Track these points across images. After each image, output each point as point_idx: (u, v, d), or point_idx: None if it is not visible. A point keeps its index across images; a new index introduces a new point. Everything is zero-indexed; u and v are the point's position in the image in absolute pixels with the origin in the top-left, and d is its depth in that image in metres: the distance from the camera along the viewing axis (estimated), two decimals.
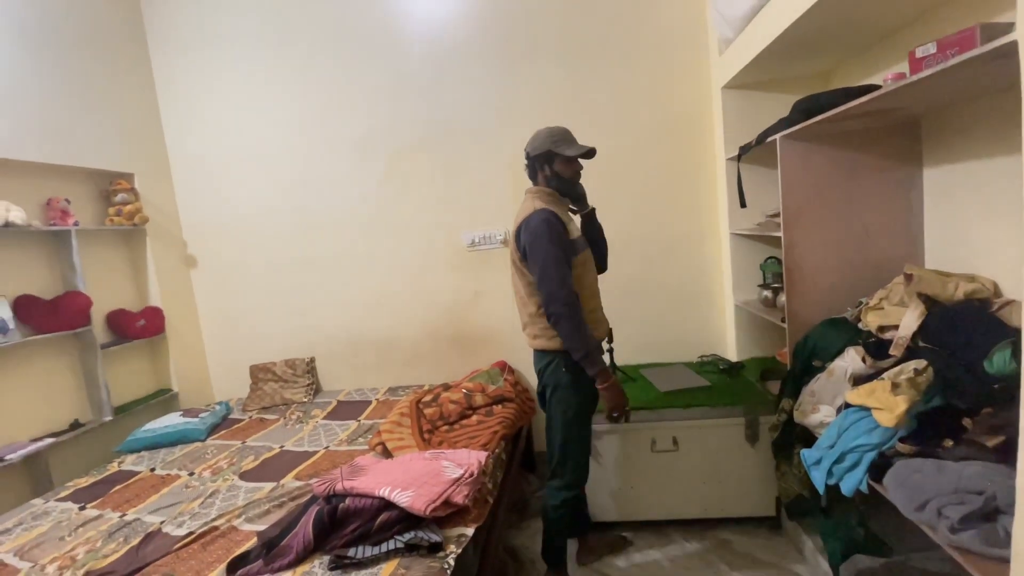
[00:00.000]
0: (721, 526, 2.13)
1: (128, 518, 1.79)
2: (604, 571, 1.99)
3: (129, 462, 2.29)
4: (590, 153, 1.73)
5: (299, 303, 3.06)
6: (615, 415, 1.70)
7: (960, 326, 1.35)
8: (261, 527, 1.62)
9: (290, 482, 1.95)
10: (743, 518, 2.12)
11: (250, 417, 2.77)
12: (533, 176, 1.81)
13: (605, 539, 2.12)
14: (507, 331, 2.86)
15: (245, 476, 2.04)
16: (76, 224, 2.44)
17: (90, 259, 2.57)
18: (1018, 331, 1.24)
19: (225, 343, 3.17)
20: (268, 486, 1.92)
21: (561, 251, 1.62)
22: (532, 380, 2.82)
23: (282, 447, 2.31)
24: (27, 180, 2.34)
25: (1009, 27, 0.93)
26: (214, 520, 1.69)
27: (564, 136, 1.75)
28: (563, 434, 1.74)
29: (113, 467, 2.26)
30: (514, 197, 2.77)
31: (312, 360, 3.09)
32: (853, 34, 1.79)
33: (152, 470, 2.19)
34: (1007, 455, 1.10)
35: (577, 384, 1.70)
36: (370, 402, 2.79)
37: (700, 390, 2.19)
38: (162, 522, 1.73)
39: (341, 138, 2.91)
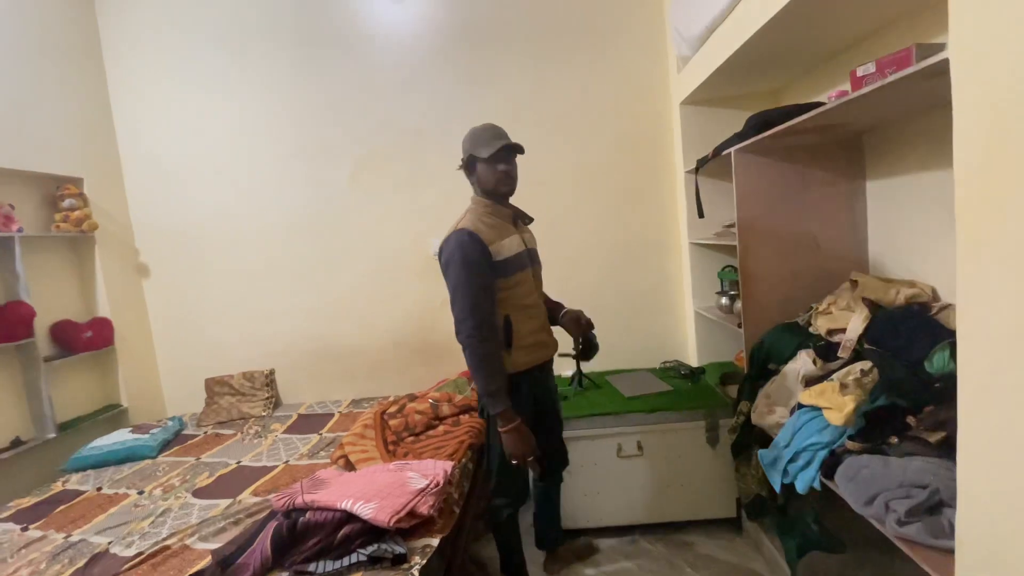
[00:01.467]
0: (685, 529, 2.17)
1: (73, 539, 1.69)
2: None
3: (74, 481, 2.16)
4: (510, 150, 1.60)
5: (258, 313, 2.97)
6: (514, 463, 1.59)
7: (902, 329, 1.43)
8: (216, 545, 1.54)
9: (247, 498, 1.87)
10: (706, 520, 2.17)
11: (205, 433, 2.65)
12: (469, 180, 1.71)
13: (572, 547, 2.12)
14: None
15: (199, 493, 1.94)
16: (20, 230, 2.31)
17: (34, 267, 2.43)
18: (954, 333, 1.32)
19: (179, 355, 3.04)
20: (224, 503, 1.84)
21: (474, 276, 1.53)
22: None
23: (239, 463, 2.22)
24: None
25: (942, 47, 1.00)
26: (166, 539, 1.60)
27: (483, 135, 1.62)
28: (499, 457, 1.70)
29: (57, 486, 2.12)
30: None
31: (272, 372, 2.99)
32: (800, 56, 1.90)
33: (99, 489, 2.06)
34: (949, 450, 1.16)
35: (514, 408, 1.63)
36: (333, 415, 2.72)
37: (663, 395, 2.23)
38: (110, 543, 1.63)
39: (301, 144, 2.86)
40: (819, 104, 1.47)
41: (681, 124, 2.54)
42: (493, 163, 1.61)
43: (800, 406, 1.48)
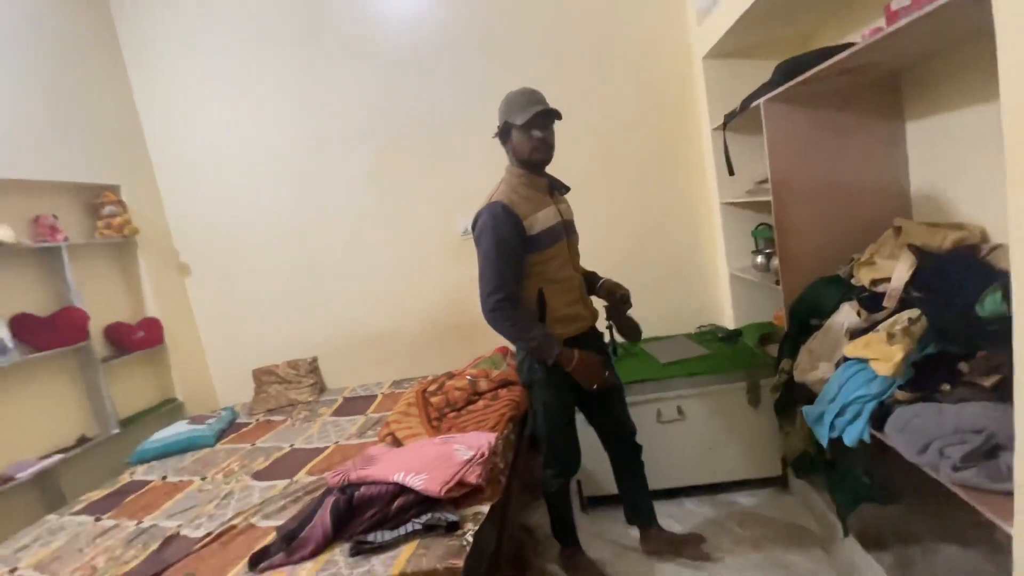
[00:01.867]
0: (730, 489, 2.18)
1: (145, 525, 1.81)
2: (621, 542, 2.03)
3: (140, 472, 2.30)
4: (547, 115, 1.55)
5: (297, 304, 3.06)
6: (595, 387, 1.63)
7: (950, 273, 1.38)
8: (279, 522, 1.64)
9: (303, 478, 1.97)
10: (751, 480, 2.17)
11: (257, 420, 2.78)
12: (504, 148, 1.68)
13: (675, 539, 1.92)
14: None
15: (258, 476, 2.05)
16: (66, 240, 2.42)
17: (83, 274, 2.56)
18: (1007, 274, 1.27)
19: (226, 349, 3.17)
20: (282, 483, 1.94)
21: (504, 253, 1.52)
22: None
23: (292, 446, 2.33)
24: (12, 198, 2.32)
25: None
26: (231, 520, 1.70)
27: (518, 100, 1.56)
28: (546, 428, 1.74)
29: (124, 478, 2.26)
30: None
31: (315, 360, 3.09)
32: None
33: (164, 478, 2.20)
34: (1004, 393, 1.13)
35: (550, 378, 1.66)
36: (376, 396, 2.81)
37: (701, 359, 2.22)
38: (179, 526, 1.74)
39: (326, 136, 2.90)
40: (851, 45, 1.40)
41: (705, 79, 2.45)
42: (528, 129, 1.55)
43: (845, 359, 1.45)
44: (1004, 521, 0.93)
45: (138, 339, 2.71)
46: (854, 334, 1.48)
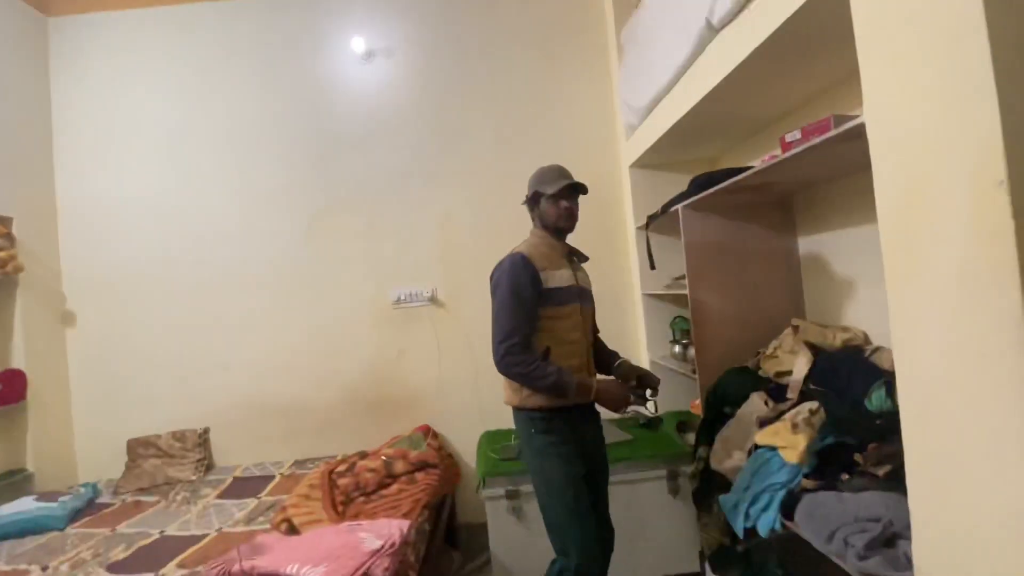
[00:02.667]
0: None
1: None
2: None
3: None
4: (575, 189, 1.66)
5: (193, 366, 2.78)
6: (625, 411, 1.60)
7: (841, 370, 1.53)
8: None
9: (172, 572, 1.66)
10: None
11: (123, 500, 2.37)
12: (531, 215, 1.76)
13: None
14: (432, 392, 2.78)
15: (114, 568, 1.71)
16: None
17: None
18: (889, 372, 1.42)
19: (100, 413, 2.76)
20: None
21: (520, 301, 1.53)
22: (457, 443, 2.77)
23: (162, 532, 1.99)
24: None
25: (857, 117, 1.15)
26: None
27: (549, 174, 1.70)
28: (552, 509, 1.54)
29: None
30: (442, 256, 2.82)
31: (206, 431, 2.76)
32: (735, 126, 2.13)
33: None
34: (897, 482, 1.22)
35: (554, 445, 1.53)
36: (273, 477, 2.52)
37: (624, 444, 2.23)
38: None
39: (260, 192, 2.83)
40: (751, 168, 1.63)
41: (631, 185, 2.71)
42: (557, 199, 1.65)
43: (756, 447, 1.52)
44: None
45: None
46: (763, 423, 1.57)
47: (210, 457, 2.75)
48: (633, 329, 2.85)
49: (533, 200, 1.71)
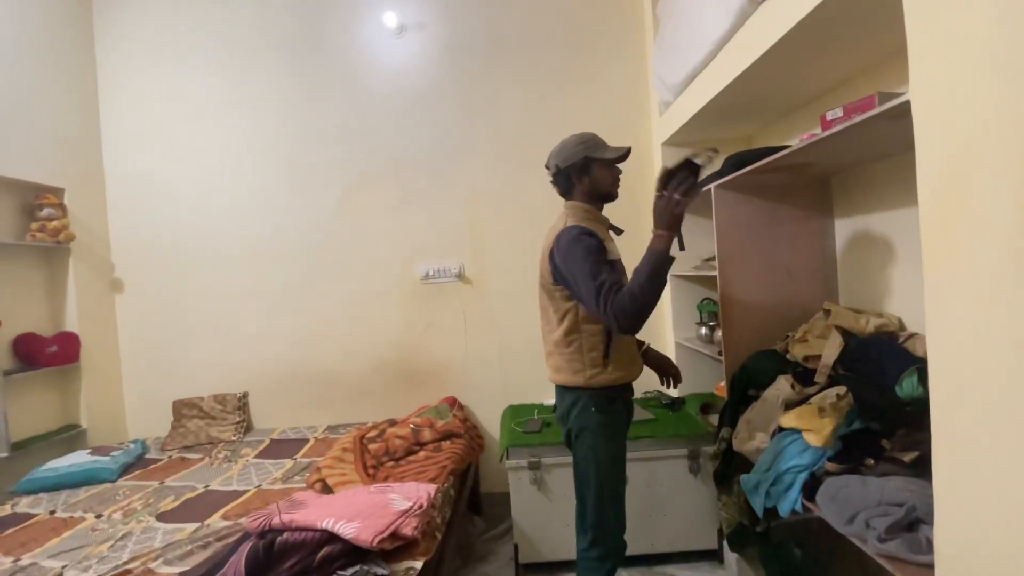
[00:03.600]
0: (667, 561, 2.15)
1: (23, 563, 1.57)
2: None
3: (24, 504, 2.02)
4: (628, 154, 1.59)
5: (234, 334, 2.91)
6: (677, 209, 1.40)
7: (873, 355, 1.50)
8: (183, 568, 1.47)
9: (216, 522, 1.79)
10: (688, 552, 2.15)
11: (170, 457, 2.53)
12: (567, 191, 1.62)
13: None
14: (458, 365, 2.84)
15: (164, 517, 1.85)
16: None
17: (3, 276, 2.35)
18: (922, 359, 1.40)
19: (147, 376, 2.93)
20: (190, 527, 1.75)
21: (598, 257, 1.42)
22: (482, 415, 2.84)
23: (207, 487, 2.13)
24: None
25: (902, 95, 1.11)
26: (126, 564, 1.51)
27: (597, 140, 1.59)
28: (598, 490, 1.49)
29: (4, 509, 1.98)
30: (471, 231, 2.85)
31: (245, 395, 2.90)
32: (772, 104, 2.06)
33: (52, 512, 1.94)
34: (923, 469, 1.21)
35: (610, 425, 1.50)
36: (307, 440, 2.64)
37: (646, 423, 2.25)
38: (64, 567, 1.53)
39: (294, 166, 2.89)
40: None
41: (663, 163, 2.66)
42: (613, 164, 1.59)
43: (781, 430, 1.52)
44: None
45: (50, 354, 2.46)
46: (788, 406, 1.56)
47: (249, 420, 2.90)
48: (659, 309, 2.84)
49: (583, 167, 1.58)
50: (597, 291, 1.36)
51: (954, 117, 0.83)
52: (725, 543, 2.02)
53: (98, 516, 1.89)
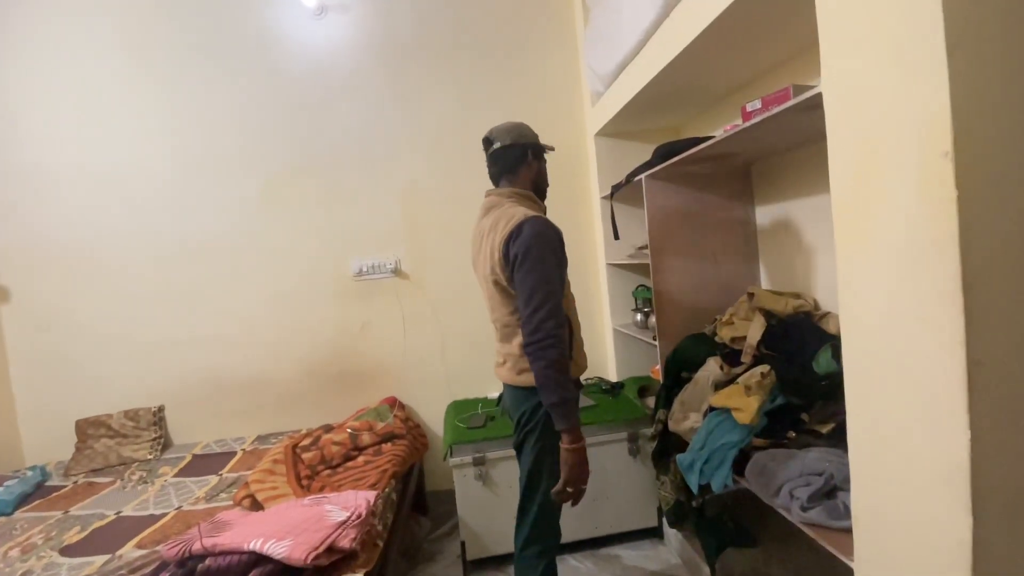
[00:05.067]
0: (611, 543, 2.20)
1: None
2: None
3: None
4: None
5: (145, 343, 2.66)
6: (569, 490, 1.36)
7: (792, 335, 1.60)
8: None
9: (130, 552, 1.63)
10: (630, 532, 2.22)
11: (75, 483, 2.28)
12: (511, 170, 1.53)
13: None
14: (397, 364, 2.76)
15: (68, 551, 1.66)
16: None
17: None
18: (836, 336, 1.50)
19: (43, 394, 2.62)
20: (100, 559, 1.58)
21: (556, 271, 1.37)
22: (425, 413, 2.77)
23: (118, 513, 1.93)
24: None
25: (815, 87, 1.17)
26: None
27: (531, 130, 1.58)
28: (546, 493, 1.44)
29: None
30: (406, 224, 2.75)
31: (161, 409, 2.67)
32: (697, 95, 2.12)
33: None
34: (839, 439, 1.30)
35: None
36: (235, 453, 2.47)
37: (586, 409, 2.28)
38: None
39: (206, 156, 2.66)
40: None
41: (596, 153, 2.70)
42: (544, 159, 1.58)
43: (711, 409, 1.59)
44: (846, 556, 1.04)
45: None
46: (718, 386, 1.63)
47: (167, 435, 2.67)
48: (596, 297, 2.89)
49: (537, 152, 1.54)
50: (548, 317, 1.31)
51: (861, 107, 0.87)
52: (664, 520, 2.11)
53: None
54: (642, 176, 2.02)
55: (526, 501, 1.51)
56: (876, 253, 0.86)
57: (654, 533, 2.24)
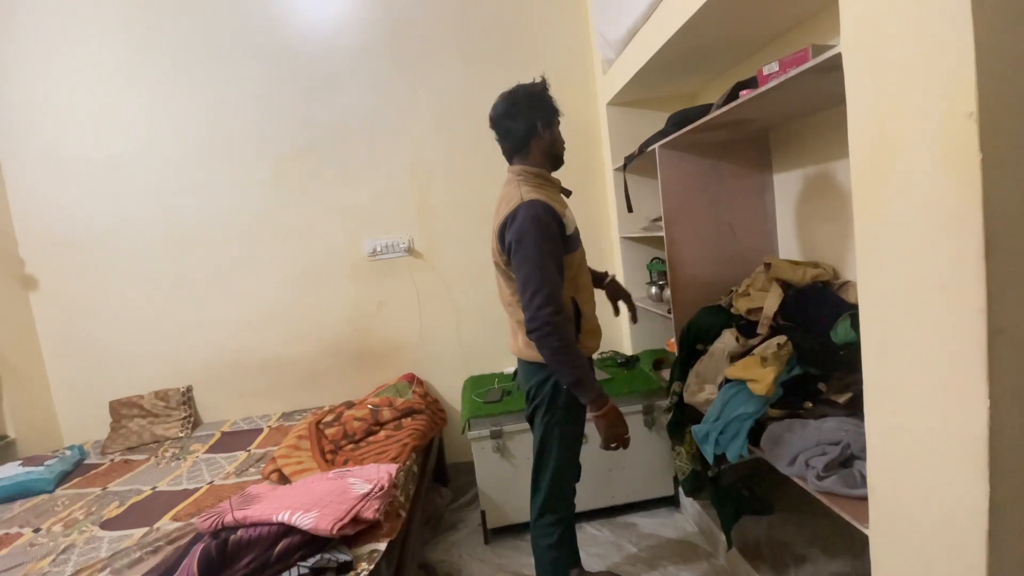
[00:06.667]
0: (627, 511, 2.24)
1: None
2: (524, 573, 1.99)
3: None
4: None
5: (170, 325, 2.73)
6: (613, 445, 1.46)
7: (810, 305, 1.57)
8: None
9: (166, 524, 1.71)
10: (646, 500, 2.25)
11: (111, 460, 2.39)
12: (521, 148, 1.50)
13: None
14: (414, 341, 2.79)
15: (108, 525, 1.75)
16: None
17: None
18: (855, 306, 1.47)
19: (77, 377, 2.72)
20: (138, 532, 1.67)
21: (551, 256, 1.37)
22: (442, 388, 2.82)
23: (154, 488, 2.03)
24: None
25: (835, 47, 1.12)
26: None
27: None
28: (557, 463, 1.51)
29: None
30: (418, 203, 2.75)
31: (189, 389, 2.76)
32: (714, 59, 2.04)
33: None
34: (856, 408, 1.29)
35: (578, 405, 1.49)
36: (261, 430, 2.56)
37: (603, 383, 2.30)
38: None
39: (221, 138, 2.67)
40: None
41: (608, 124, 2.64)
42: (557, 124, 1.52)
43: (727, 381, 1.58)
44: (861, 524, 1.04)
45: None
46: (734, 358, 1.62)
47: (196, 414, 2.76)
48: (610, 271, 2.86)
49: (548, 120, 1.49)
50: (545, 303, 1.33)
51: (882, 67, 0.83)
52: (680, 489, 2.13)
53: (36, 530, 1.77)
54: (656, 146, 1.97)
55: (538, 472, 1.56)
56: (896, 219, 0.84)
57: (671, 502, 2.28)
